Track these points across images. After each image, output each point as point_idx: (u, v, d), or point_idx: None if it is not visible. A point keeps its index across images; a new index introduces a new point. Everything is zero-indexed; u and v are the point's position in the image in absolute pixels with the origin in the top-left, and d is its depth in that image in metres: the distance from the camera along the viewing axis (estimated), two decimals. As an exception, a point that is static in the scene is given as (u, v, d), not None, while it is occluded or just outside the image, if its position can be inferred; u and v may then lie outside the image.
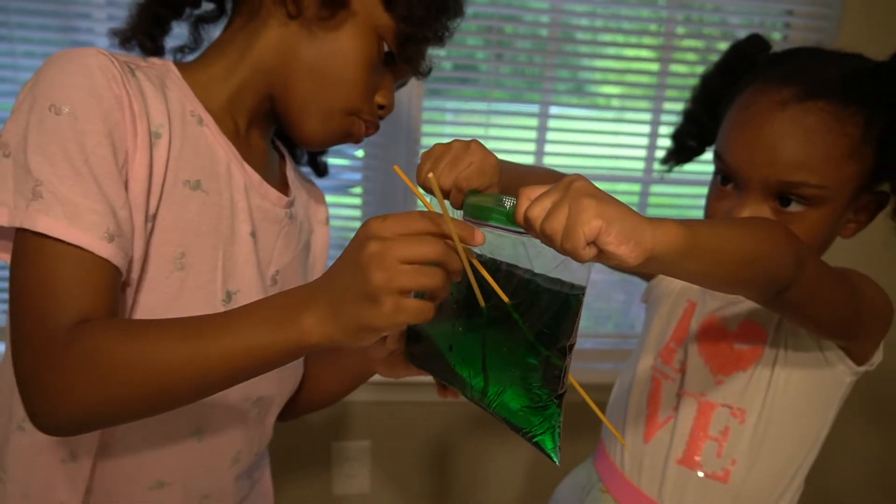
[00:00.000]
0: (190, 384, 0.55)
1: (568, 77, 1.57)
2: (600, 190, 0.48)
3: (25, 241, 0.58)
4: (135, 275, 0.64)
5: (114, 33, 0.75)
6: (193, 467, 0.75)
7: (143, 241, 0.63)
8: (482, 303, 0.58)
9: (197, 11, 0.79)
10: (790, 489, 0.82)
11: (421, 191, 0.61)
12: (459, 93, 1.52)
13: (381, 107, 0.77)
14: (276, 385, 0.81)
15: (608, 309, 1.79)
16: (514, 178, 0.69)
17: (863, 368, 0.78)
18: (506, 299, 0.56)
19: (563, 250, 0.47)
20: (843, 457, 1.80)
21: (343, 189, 1.61)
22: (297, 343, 0.52)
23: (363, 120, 0.76)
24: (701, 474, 0.81)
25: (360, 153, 1.53)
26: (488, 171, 0.62)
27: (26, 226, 0.56)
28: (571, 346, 0.54)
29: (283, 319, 0.52)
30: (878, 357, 0.78)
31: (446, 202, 0.60)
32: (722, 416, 0.81)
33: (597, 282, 1.72)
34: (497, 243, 0.58)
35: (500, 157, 0.66)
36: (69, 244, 0.56)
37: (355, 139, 0.78)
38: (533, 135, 1.55)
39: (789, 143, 0.70)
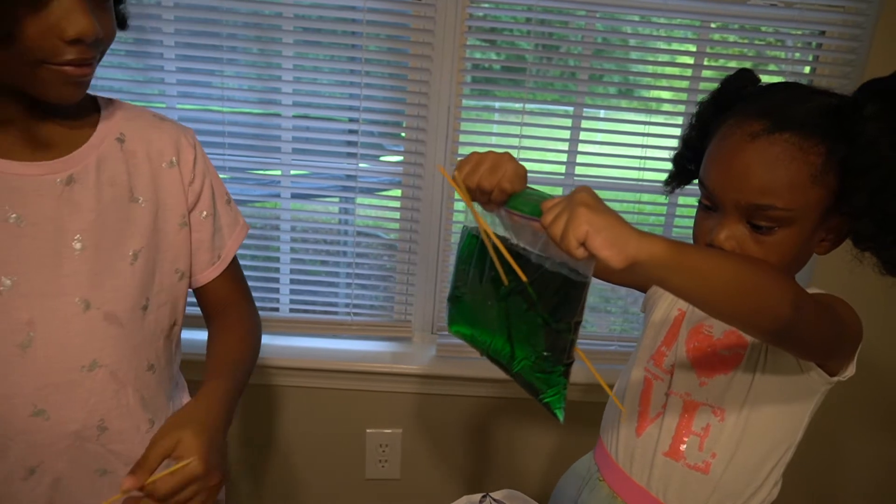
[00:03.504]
0: None
1: (606, 81, 1.65)
2: (599, 201, 0.60)
3: None
4: None
5: None
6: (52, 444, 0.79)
7: None
8: (505, 281, 0.70)
9: None
10: (766, 484, 0.89)
11: (458, 186, 0.73)
12: (503, 94, 1.61)
13: (75, 41, 0.68)
14: (98, 349, 0.81)
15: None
16: None
17: (836, 379, 0.84)
18: (524, 277, 0.68)
19: (561, 249, 0.59)
20: (855, 465, 1.82)
21: (377, 191, 1.72)
22: None
23: (59, 64, 0.69)
24: (684, 465, 0.89)
25: (399, 157, 1.65)
26: (522, 177, 0.73)
27: None
28: (578, 322, 0.66)
29: None
30: (851, 370, 0.84)
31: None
32: (704, 414, 0.88)
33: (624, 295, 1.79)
34: (526, 234, 0.71)
35: (536, 154, 0.79)
36: None
37: (72, 84, 0.72)
38: (567, 134, 1.62)
39: (758, 171, 0.77)
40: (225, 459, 0.79)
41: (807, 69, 1.61)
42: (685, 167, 0.95)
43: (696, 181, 0.97)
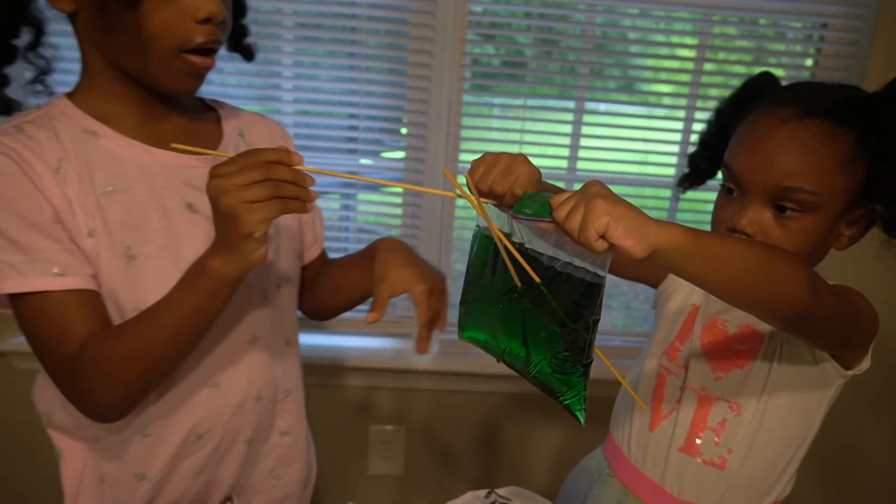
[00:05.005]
0: (166, 348, 0.73)
1: (606, 75, 1.65)
2: (612, 192, 0.59)
3: (14, 305, 0.74)
4: (103, 279, 0.76)
5: None
6: (220, 413, 0.87)
7: (94, 255, 0.75)
8: (518, 283, 0.69)
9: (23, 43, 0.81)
10: (782, 479, 0.89)
11: (467, 191, 0.71)
12: (504, 89, 1.60)
13: (205, 20, 0.74)
14: (262, 325, 0.89)
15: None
16: (547, 190, 0.79)
17: (850, 373, 0.84)
18: (537, 279, 0.67)
19: (580, 243, 0.58)
20: (872, 458, 1.84)
21: (381, 188, 1.71)
22: (215, 283, 0.69)
23: (190, 51, 0.75)
24: (700, 461, 0.89)
25: (401, 154, 1.64)
26: (536, 181, 0.72)
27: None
28: (595, 321, 0.65)
29: (195, 274, 0.70)
30: (866, 363, 0.84)
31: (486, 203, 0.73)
32: (720, 409, 0.88)
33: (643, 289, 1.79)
34: (537, 238, 0.69)
35: (537, 149, 0.75)
36: (37, 293, 0.72)
37: (196, 76, 0.78)
38: (568, 129, 1.62)
39: (787, 153, 0.78)
40: (430, 266, 0.89)
41: (808, 62, 1.61)
42: (700, 166, 0.95)
43: (710, 181, 0.97)
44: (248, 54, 0.94)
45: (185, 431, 0.85)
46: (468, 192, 0.71)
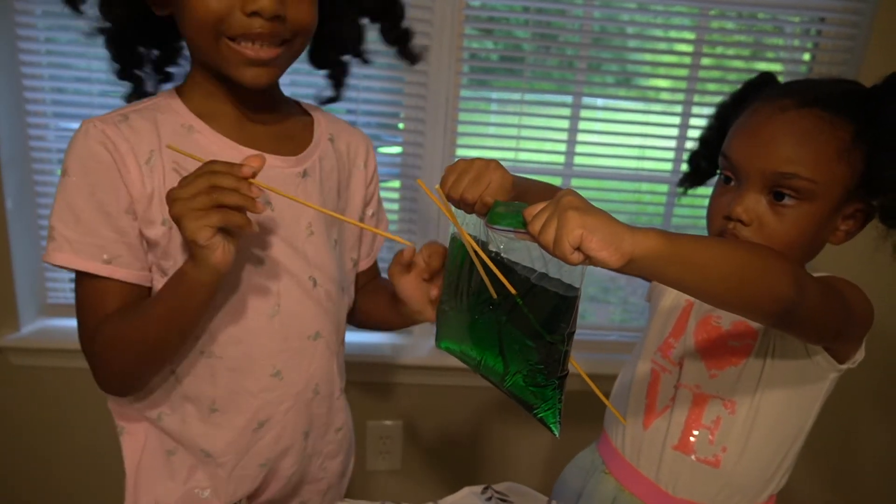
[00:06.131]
0: (156, 339, 0.78)
1: (604, 70, 1.64)
2: (586, 203, 0.58)
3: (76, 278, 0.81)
4: (178, 260, 0.79)
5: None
6: (280, 401, 0.89)
7: (166, 241, 0.80)
8: (493, 294, 0.68)
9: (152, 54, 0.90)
10: (777, 474, 0.90)
11: (440, 200, 0.70)
12: (502, 84, 1.59)
13: (254, 13, 0.73)
14: (326, 323, 0.92)
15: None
16: (521, 192, 0.78)
17: (845, 366, 0.84)
18: (513, 291, 0.66)
19: (555, 256, 0.56)
20: (870, 450, 1.84)
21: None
22: (188, 285, 0.74)
23: (236, 38, 0.75)
24: (694, 459, 0.89)
25: (398, 149, 1.63)
26: (507, 188, 0.72)
27: (46, 261, 0.79)
28: (571, 334, 0.64)
29: (177, 276, 0.75)
30: (860, 355, 0.84)
31: (456, 210, 0.71)
32: (714, 407, 0.88)
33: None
34: (514, 246, 0.68)
35: (535, 144, 0.74)
36: (83, 271, 0.78)
37: (254, 66, 0.77)
38: (566, 124, 1.62)
39: (786, 140, 0.78)
40: None
41: (806, 56, 1.61)
42: (700, 165, 0.95)
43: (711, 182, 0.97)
44: (404, 54, 0.95)
45: (248, 416, 0.87)
46: (441, 202, 0.70)
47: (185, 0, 0.74)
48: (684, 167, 1.01)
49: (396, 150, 1.64)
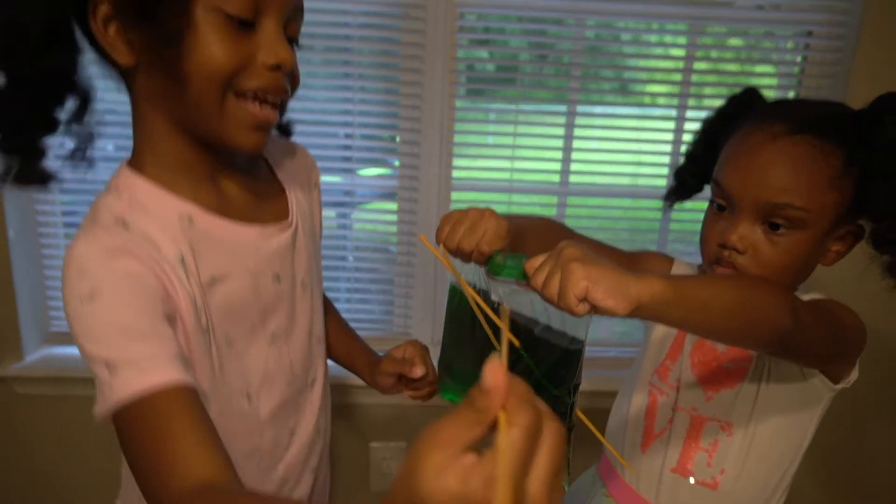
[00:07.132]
0: None
1: (600, 77, 1.65)
2: (586, 253, 0.59)
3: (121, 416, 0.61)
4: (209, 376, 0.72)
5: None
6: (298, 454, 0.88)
7: (206, 355, 0.71)
8: (496, 345, 0.69)
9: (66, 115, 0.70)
10: (776, 494, 0.90)
11: (441, 255, 0.71)
12: (497, 94, 1.60)
13: (275, 67, 0.67)
14: (320, 366, 0.92)
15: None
16: (516, 236, 0.76)
17: (839, 386, 0.85)
18: (517, 343, 0.67)
19: (561, 308, 0.58)
20: (876, 455, 1.83)
21: (381, 196, 1.72)
22: None
23: (249, 92, 0.67)
24: (693, 481, 0.89)
25: (382, 170, 1.65)
26: (502, 236, 0.72)
27: (114, 401, 0.60)
28: (576, 386, 0.64)
29: None
30: (854, 375, 0.85)
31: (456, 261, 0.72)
32: (712, 430, 0.89)
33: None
34: (515, 298, 0.69)
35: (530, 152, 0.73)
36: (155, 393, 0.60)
37: (257, 129, 0.70)
38: (561, 132, 1.63)
39: (778, 170, 0.79)
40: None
41: (796, 69, 1.62)
42: (687, 181, 0.96)
43: (697, 195, 0.98)
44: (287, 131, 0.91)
45: (274, 485, 0.86)
46: (442, 256, 0.70)
47: (188, 47, 0.63)
48: (664, 182, 1.01)
49: (381, 171, 1.66)
